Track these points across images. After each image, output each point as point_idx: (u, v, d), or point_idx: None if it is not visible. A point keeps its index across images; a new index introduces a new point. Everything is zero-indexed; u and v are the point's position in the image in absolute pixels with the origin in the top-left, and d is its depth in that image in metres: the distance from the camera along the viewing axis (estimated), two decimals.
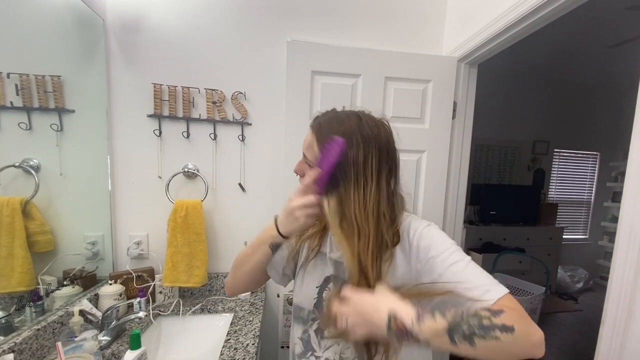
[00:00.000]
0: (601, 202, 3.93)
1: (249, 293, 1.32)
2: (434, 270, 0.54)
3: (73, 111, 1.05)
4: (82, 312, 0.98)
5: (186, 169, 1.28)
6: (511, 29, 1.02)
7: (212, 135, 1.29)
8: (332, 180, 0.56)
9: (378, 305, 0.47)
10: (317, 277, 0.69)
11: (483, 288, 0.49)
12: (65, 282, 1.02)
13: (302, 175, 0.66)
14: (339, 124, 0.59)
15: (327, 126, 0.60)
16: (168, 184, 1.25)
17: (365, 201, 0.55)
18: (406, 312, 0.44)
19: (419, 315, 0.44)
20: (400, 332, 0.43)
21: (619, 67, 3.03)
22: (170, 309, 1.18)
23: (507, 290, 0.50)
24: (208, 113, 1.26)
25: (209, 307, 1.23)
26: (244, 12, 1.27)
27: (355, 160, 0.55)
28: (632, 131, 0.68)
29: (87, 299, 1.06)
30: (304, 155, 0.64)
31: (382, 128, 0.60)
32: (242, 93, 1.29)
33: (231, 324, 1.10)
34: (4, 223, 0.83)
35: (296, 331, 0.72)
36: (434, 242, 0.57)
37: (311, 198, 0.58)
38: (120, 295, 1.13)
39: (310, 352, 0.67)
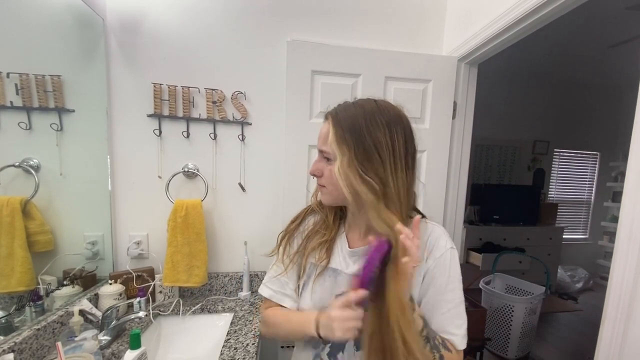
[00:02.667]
0: (601, 202, 3.93)
1: (249, 292, 1.32)
2: (436, 289, 0.62)
3: (73, 111, 1.05)
4: (82, 312, 0.98)
5: (186, 169, 1.28)
6: (511, 28, 1.02)
7: (212, 135, 1.29)
8: (377, 285, 0.51)
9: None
10: (327, 296, 0.64)
11: (455, 326, 0.61)
12: (65, 282, 1.02)
13: (320, 176, 0.62)
14: (358, 107, 0.58)
15: (344, 110, 0.58)
16: (168, 184, 1.25)
17: (399, 184, 0.56)
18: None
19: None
20: (412, 298, 0.55)
21: (619, 67, 3.03)
22: (170, 309, 1.18)
23: (462, 347, 0.61)
24: (208, 113, 1.26)
25: (209, 307, 1.23)
26: (244, 11, 1.27)
27: (385, 142, 0.55)
28: (632, 131, 0.68)
29: (87, 298, 1.06)
30: (321, 152, 0.61)
31: (401, 110, 0.60)
32: (242, 93, 1.29)
33: (231, 323, 1.10)
34: (4, 223, 0.83)
35: (305, 356, 0.68)
36: (453, 272, 0.62)
37: (352, 313, 0.52)
38: (120, 295, 1.13)
39: None
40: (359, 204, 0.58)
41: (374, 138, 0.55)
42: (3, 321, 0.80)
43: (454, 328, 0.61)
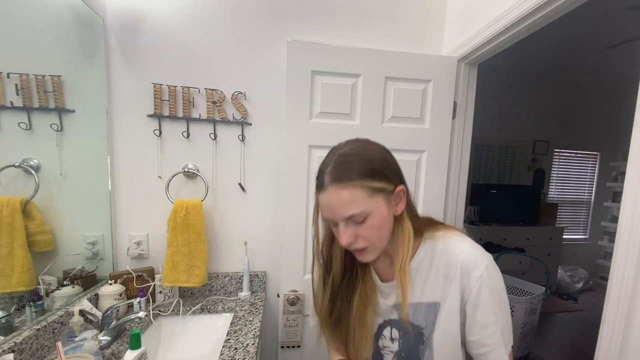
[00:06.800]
0: (601, 202, 3.93)
1: (249, 292, 1.32)
2: (475, 319, 0.58)
3: (73, 111, 1.05)
4: (82, 312, 0.98)
5: (186, 169, 1.28)
6: (511, 28, 1.02)
7: (212, 135, 1.29)
8: None
9: None
10: (369, 325, 0.66)
11: None
12: (65, 282, 1.02)
13: (355, 240, 0.57)
14: (352, 157, 0.56)
15: (345, 168, 0.55)
16: (168, 184, 1.25)
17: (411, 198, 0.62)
18: None
19: None
20: None
21: (619, 67, 3.03)
22: (170, 309, 1.18)
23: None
24: (208, 113, 1.26)
25: (209, 307, 1.23)
26: (244, 12, 1.27)
27: (390, 168, 0.58)
28: (632, 131, 0.68)
29: (87, 299, 1.06)
30: (348, 218, 0.55)
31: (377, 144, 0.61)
32: (242, 93, 1.29)
33: (231, 324, 1.10)
34: (4, 223, 0.83)
35: None
36: (489, 302, 0.56)
37: None
38: (120, 295, 1.13)
39: None
40: (395, 238, 0.60)
41: (390, 173, 0.57)
42: (3, 321, 0.80)
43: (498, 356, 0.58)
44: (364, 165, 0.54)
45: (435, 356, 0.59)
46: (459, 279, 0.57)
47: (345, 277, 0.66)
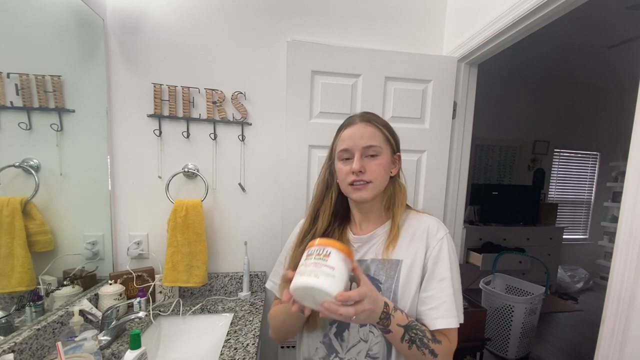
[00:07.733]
0: (601, 202, 3.93)
1: (249, 292, 1.32)
2: (433, 274, 0.67)
3: (73, 111, 1.05)
4: (82, 312, 0.98)
5: (186, 169, 1.28)
6: (511, 29, 1.02)
7: (212, 135, 1.29)
8: None
9: (379, 296, 0.60)
10: None
11: (442, 315, 0.64)
12: (65, 282, 1.02)
13: (365, 172, 0.68)
14: (377, 116, 0.74)
15: (373, 116, 0.73)
16: (168, 184, 1.25)
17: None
18: (390, 302, 0.61)
19: (395, 307, 0.61)
20: (385, 315, 0.58)
21: (619, 67, 3.03)
22: (170, 309, 1.18)
23: (455, 326, 0.64)
24: (208, 113, 1.26)
25: (209, 307, 1.23)
26: (244, 12, 1.27)
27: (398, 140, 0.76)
28: (632, 131, 0.68)
29: (87, 298, 1.06)
30: (367, 148, 0.68)
31: None
32: (242, 93, 1.29)
33: (231, 324, 1.10)
34: (4, 223, 0.83)
35: (315, 337, 0.74)
36: (447, 260, 0.67)
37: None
38: (120, 295, 1.13)
39: (334, 354, 0.70)
40: (385, 192, 0.73)
41: (396, 138, 0.74)
42: (3, 321, 0.80)
43: (437, 318, 0.64)
44: (384, 122, 0.73)
45: (399, 305, 0.66)
46: (425, 239, 0.69)
47: (327, 230, 0.75)
